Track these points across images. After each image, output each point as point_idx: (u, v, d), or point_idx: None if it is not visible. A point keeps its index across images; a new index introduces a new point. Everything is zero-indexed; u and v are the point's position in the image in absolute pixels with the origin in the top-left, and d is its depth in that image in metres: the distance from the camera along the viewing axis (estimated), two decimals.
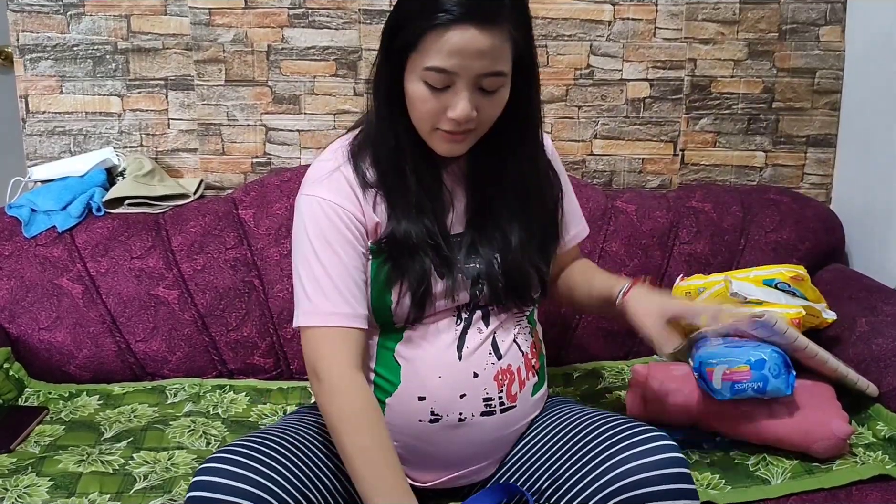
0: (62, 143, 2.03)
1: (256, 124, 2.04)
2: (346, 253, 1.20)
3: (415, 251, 1.21)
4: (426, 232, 1.21)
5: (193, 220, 1.87)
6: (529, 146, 1.26)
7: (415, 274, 1.21)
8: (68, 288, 1.80)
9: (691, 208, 1.98)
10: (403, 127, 1.19)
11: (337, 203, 1.21)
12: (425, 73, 1.12)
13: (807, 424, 1.42)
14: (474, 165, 1.27)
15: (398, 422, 1.25)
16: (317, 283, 1.19)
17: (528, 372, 1.30)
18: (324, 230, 1.20)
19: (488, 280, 1.25)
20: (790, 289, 1.67)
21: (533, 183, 1.27)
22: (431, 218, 1.22)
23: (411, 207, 1.21)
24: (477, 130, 1.18)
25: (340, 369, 1.17)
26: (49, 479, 1.39)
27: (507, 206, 1.26)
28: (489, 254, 1.26)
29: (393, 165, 1.22)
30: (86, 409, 1.67)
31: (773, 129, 2.13)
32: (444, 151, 1.19)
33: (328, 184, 1.23)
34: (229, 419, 1.65)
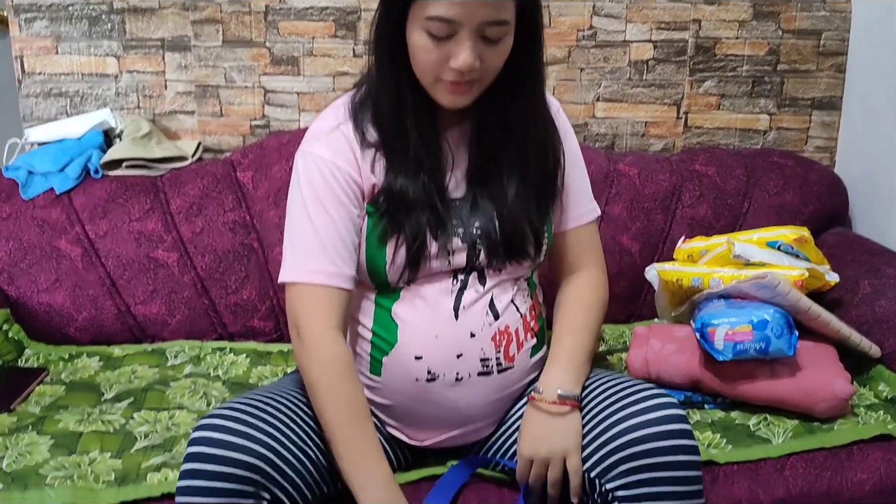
0: (59, 104, 2.01)
1: (255, 86, 2.02)
2: (338, 213, 1.19)
3: (411, 208, 1.19)
4: (423, 189, 1.20)
5: (192, 183, 1.86)
6: (532, 100, 1.23)
7: (410, 230, 1.19)
8: (67, 250, 1.79)
9: (694, 171, 1.96)
10: (405, 81, 1.17)
11: (333, 162, 1.20)
12: (427, 23, 1.10)
13: (809, 385, 1.42)
14: (478, 127, 1.25)
15: (395, 381, 1.24)
16: (304, 239, 1.19)
17: (527, 333, 1.29)
18: (317, 188, 1.19)
19: (486, 239, 1.24)
20: (793, 251, 1.65)
21: (534, 138, 1.25)
22: (430, 175, 1.20)
23: (410, 163, 1.19)
24: (481, 81, 1.16)
25: (320, 329, 1.17)
26: (50, 438, 1.39)
27: (509, 168, 1.24)
28: (488, 217, 1.24)
29: (394, 121, 1.19)
30: (86, 371, 1.67)
31: (777, 91, 2.10)
32: (449, 103, 1.17)
33: (327, 142, 1.21)
34: (230, 381, 1.65)
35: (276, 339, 1.82)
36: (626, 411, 1.15)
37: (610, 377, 1.26)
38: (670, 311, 1.72)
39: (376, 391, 1.27)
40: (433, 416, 1.27)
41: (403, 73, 1.17)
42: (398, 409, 1.27)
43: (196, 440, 1.10)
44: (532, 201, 1.25)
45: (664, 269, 1.69)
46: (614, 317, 1.89)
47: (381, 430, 1.29)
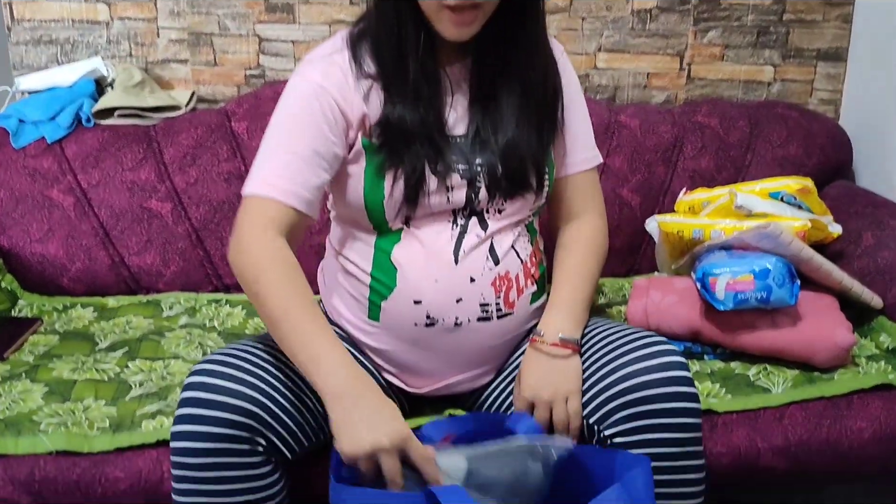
0: (49, 52, 1.96)
1: (249, 34, 1.98)
2: (312, 136, 1.15)
3: (410, 139, 1.17)
4: (421, 120, 1.17)
5: (185, 133, 1.83)
6: (533, 33, 1.20)
7: (409, 162, 1.17)
8: (59, 200, 1.76)
9: (697, 123, 1.93)
10: (406, 12, 1.14)
11: (320, 85, 1.17)
12: None
13: (809, 334, 1.41)
14: (478, 63, 1.22)
15: (393, 326, 1.23)
16: (270, 155, 1.16)
17: (527, 280, 1.27)
18: (298, 108, 1.17)
19: (487, 176, 1.21)
20: (796, 202, 1.63)
21: (534, 71, 1.22)
22: (428, 107, 1.18)
23: (409, 94, 1.17)
24: (484, 9, 1.13)
25: (260, 231, 1.12)
26: (43, 386, 1.38)
27: (509, 103, 1.22)
28: (490, 153, 1.22)
29: (393, 51, 1.16)
30: (80, 321, 1.66)
31: (782, 42, 2.06)
32: (452, 35, 1.14)
33: (320, 66, 1.19)
34: (225, 332, 1.64)
35: None
36: (626, 358, 1.15)
37: (610, 325, 1.25)
38: (670, 264, 1.70)
39: (374, 336, 1.26)
40: (431, 361, 1.25)
41: (405, 5, 1.13)
42: (396, 354, 1.25)
43: (190, 385, 1.09)
44: (533, 134, 1.23)
45: (665, 220, 1.67)
46: (613, 270, 1.87)
47: (377, 377, 1.28)
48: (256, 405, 1.08)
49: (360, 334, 1.28)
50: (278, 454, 1.11)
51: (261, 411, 1.08)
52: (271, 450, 1.10)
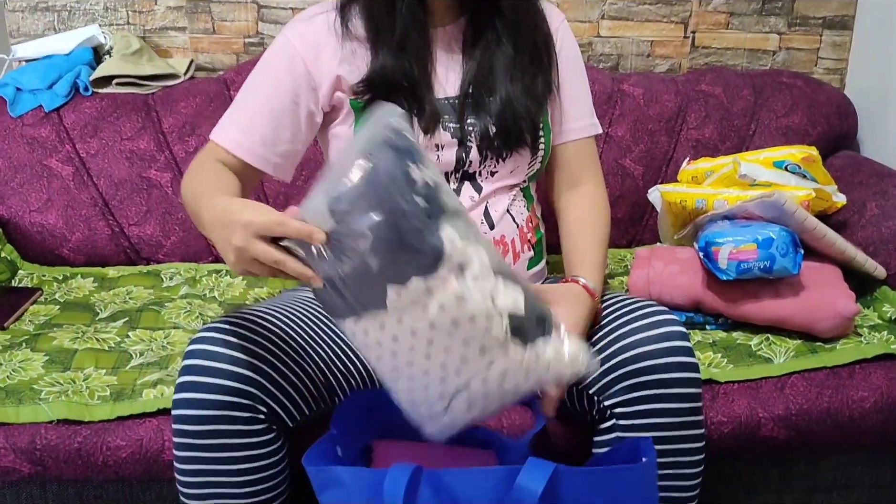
0: (46, 19, 1.94)
1: (248, 1, 1.95)
2: (277, 94, 1.19)
3: (395, 92, 1.17)
4: (405, 74, 1.17)
5: (184, 101, 1.81)
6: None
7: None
8: (58, 169, 1.75)
9: (700, 92, 1.91)
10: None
11: (293, 46, 1.20)
12: None
13: (812, 303, 1.40)
14: (470, 24, 1.22)
15: None
16: (240, 108, 1.23)
17: (524, 245, 1.27)
18: (269, 66, 1.22)
19: (479, 136, 1.21)
20: (800, 171, 1.62)
21: (527, 32, 1.21)
22: (415, 62, 1.18)
23: (394, 48, 1.17)
24: None
25: (202, 161, 1.20)
26: (44, 355, 1.38)
27: (502, 63, 1.21)
28: (483, 112, 1.21)
29: (384, 6, 1.16)
30: (80, 291, 1.65)
31: (788, 9, 2.03)
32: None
33: (303, 26, 1.22)
34: (226, 302, 1.63)
35: None
36: (626, 328, 1.14)
37: (611, 295, 1.24)
38: (673, 235, 1.69)
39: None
40: None
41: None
42: None
43: (191, 353, 1.08)
44: (527, 89, 1.22)
45: (667, 190, 1.65)
46: (616, 241, 1.86)
47: None
48: (257, 372, 1.08)
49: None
50: (279, 421, 1.11)
51: (261, 378, 1.08)
52: (272, 417, 1.10)
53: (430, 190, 0.89)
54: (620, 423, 1.13)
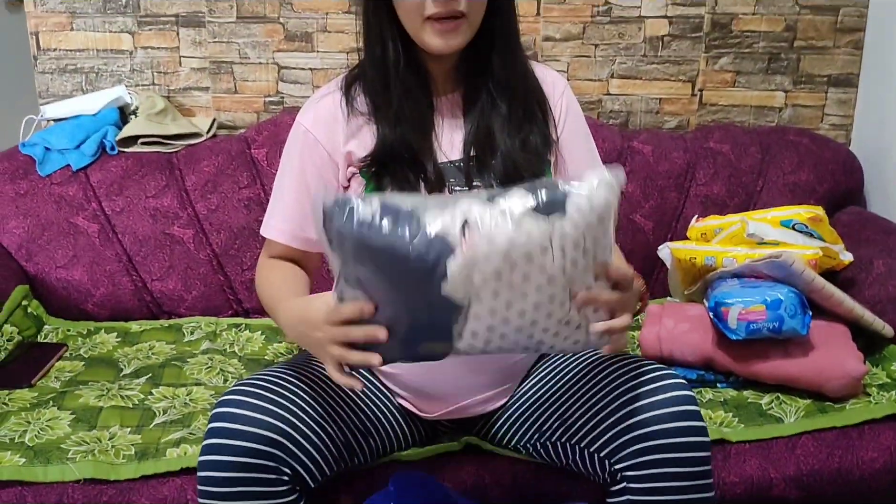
0: (74, 81, 2.01)
1: (269, 62, 2.02)
2: (304, 179, 1.27)
3: (399, 163, 1.22)
4: (408, 145, 1.22)
5: (207, 160, 1.87)
6: (514, 55, 1.26)
7: (396, 185, 1.22)
8: (84, 226, 1.80)
9: (709, 149, 1.96)
10: (392, 41, 1.20)
11: (311, 132, 1.27)
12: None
13: (821, 364, 1.43)
14: (468, 91, 1.28)
15: None
16: (278, 199, 1.31)
17: None
18: (292, 154, 1.29)
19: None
20: (808, 230, 1.65)
21: (521, 92, 1.27)
22: (417, 133, 1.23)
23: (392, 117, 1.23)
24: (468, 20, 1.18)
25: (264, 261, 1.32)
26: (70, 413, 1.41)
27: (500, 121, 1.26)
28: (487, 174, 1.25)
29: (381, 81, 1.23)
30: (104, 346, 1.70)
31: (793, 68, 2.08)
32: (439, 46, 1.18)
33: (313, 110, 1.29)
34: (245, 357, 1.67)
35: None
36: (635, 392, 1.16)
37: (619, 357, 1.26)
38: (683, 290, 1.72)
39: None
40: (441, 384, 1.28)
41: (389, 31, 1.20)
42: (407, 378, 1.28)
43: (217, 416, 1.12)
44: (525, 147, 1.26)
45: (677, 247, 1.69)
46: None
47: (391, 401, 1.31)
48: (281, 435, 1.11)
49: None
50: (302, 482, 1.14)
51: (286, 441, 1.11)
52: (295, 478, 1.13)
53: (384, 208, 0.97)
54: (631, 487, 1.15)
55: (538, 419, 1.27)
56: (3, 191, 1.80)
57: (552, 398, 1.27)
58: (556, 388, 1.27)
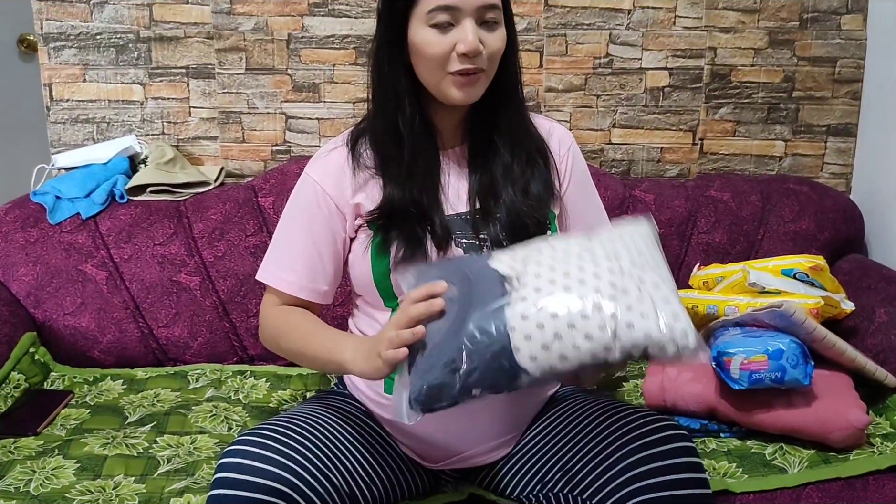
0: (85, 130, 2.05)
1: (276, 112, 2.06)
2: (313, 231, 1.29)
3: (406, 217, 1.24)
4: (414, 199, 1.25)
5: (214, 208, 1.90)
6: (517, 101, 1.30)
7: (405, 238, 1.24)
8: (92, 274, 1.82)
9: (710, 197, 1.98)
10: (404, 96, 1.23)
11: (320, 184, 1.29)
12: (430, 16, 1.17)
13: (824, 414, 1.43)
14: (473, 145, 1.30)
15: None
16: (278, 248, 1.33)
17: None
18: (301, 205, 1.31)
19: (491, 244, 1.26)
20: (809, 279, 1.67)
21: (520, 131, 1.30)
22: (423, 186, 1.25)
23: (403, 173, 1.25)
24: (487, 72, 1.22)
25: (267, 310, 1.33)
26: (75, 462, 1.42)
27: (503, 172, 1.28)
28: (492, 226, 1.27)
29: (391, 134, 1.25)
30: (110, 394, 1.70)
31: (793, 118, 2.12)
32: (460, 97, 1.22)
33: (322, 163, 1.31)
34: (250, 405, 1.68)
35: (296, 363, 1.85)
36: (637, 443, 1.17)
37: (620, 407, 1.27)
38: None
39: (390, 409, 1.29)
40: (446, 433, 1.29)
41: (406, 86, 1.23)
42: (411, 427, 1.29)
43: (223, 466, 1.13)
44: (527, 195, 1.28)
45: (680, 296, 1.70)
46: None
47: (395, 449, 1.32)
48: (287, 485, 1.12)
49: (377, 408, 1.32)
50: None
51: (291, 491, 1.12)
52: None
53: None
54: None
55: (540, 470, 1.28)
56: (14, 239, 1.83)
57: (554, 448, 1.27)
58: (559, 439, 1.27)
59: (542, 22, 2.03)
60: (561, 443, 1.26)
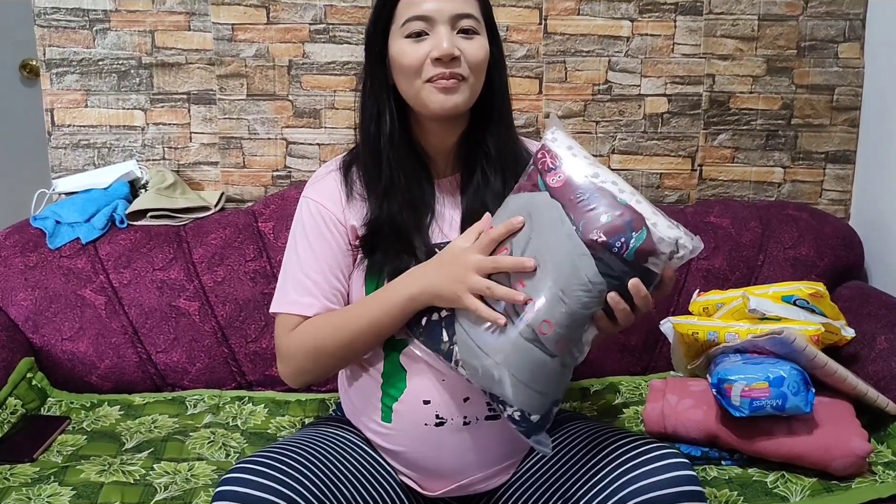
0: (86, 155, 2.06)
1: (277, 138, 2.07)
2: (321, 250, 1.29)
3: (380, 236, 1.26)
4: (388, 214, 1.26)
5: (214, 233, 1.90)
6: (505, 125, 1.32)
7: (387, 259, 1.25)
8: (91, 299, 1.82)
9: (709, 223, 1.98)
10: (389, 112, 1.27)
11: (321, 203, 1.31)
12: (405, 27, 1.21)
13: (826, 442, 1.42)
14: (465, 174, 1.32)
15: (405, 427, 1.27)
16: (291, 274, 1.31)
17: None
18: (306, 227, 1.31)
19: None
20: (809, 305, 1.66)
21: (509, 156, 1.31)
22: (401, 202, 1.27)
23: (381, 191, 1.27)
24: (469, 82, 1.23)
25: (288, 336, 1.29)
26: (71, 489, 1.40)
27: (493, 197, 1.29)
28: None
29: (372, 156, 1.28)
30: (107, 420, 1.69)
31: (791, 145, 2.13)
32: (440, 104, 1.23)
33: (319, 186, 1.33)
34: (248, 431, 1.66)
35: (294, 389, 1.83)
36: (637, 472, 1.16)
37: (621, 435, 1.26)
38: (686, 365, 1.72)
39: (388, 438, 1.29)
40: (444, 462, 1.28)
41: (386, 107, 1.27)
42: (409, 455, 1.28)
43: (220, 494, 1.12)
44: None
45: (680, 322, 1.70)
46: (630, 369, 1.90)
47: (393, 478, 1.31)
48: None
49: (375, 436, 1.32)
50: None
51: None
52: None
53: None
54: None
55: (540, 497, 1.27)
56: (13, 263, 1.82)
57: (554, 476, 1.26)
58: (559, 467, 1.26)
59: (542, 49, 2.05)
60: (560, 470, 1.26)
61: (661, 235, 1.09)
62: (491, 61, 1.27)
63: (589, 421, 1.37)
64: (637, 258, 1.08)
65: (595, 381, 1.86)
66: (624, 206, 1.09)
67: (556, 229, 1.09)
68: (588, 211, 1.09)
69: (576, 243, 1.08)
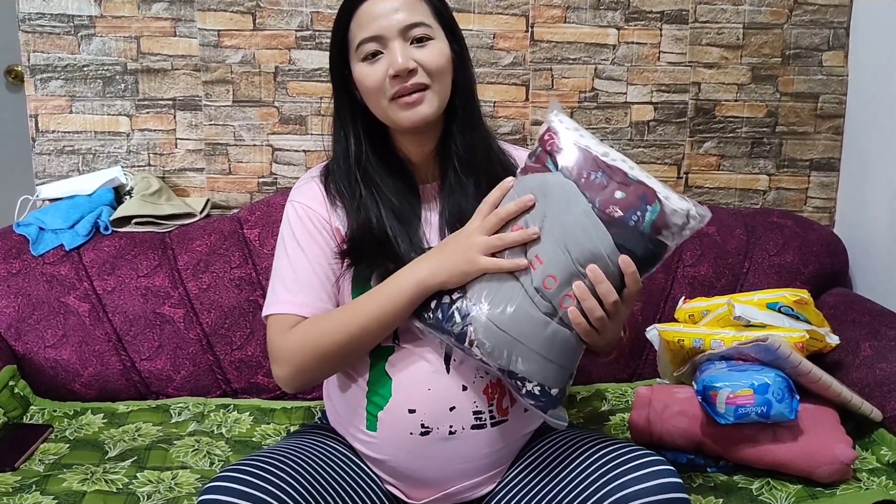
0: (71, 161, 2.04)
1: (263, 144, 2.06)
2: (311, 250, 1.29)
3: (372, 251, 1.27)
4: (367, 229, 1.27)
5: (199, 240, 1.89)
6: (471, 123, 1.32)
7: (368, 266, 1.26)
8: (75, 306, 1.81)
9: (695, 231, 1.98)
10: (354, 133, 1.31)
11: (307, 205, 1.32)
12: (359, 51, 1.24)
13: (811, 449, 1.42)
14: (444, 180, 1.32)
15: (390, 435, 1.26)
16: (281, 276, 1.30)
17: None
18: (294, 229, 1.31)
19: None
20: (794, 312, 1.67)
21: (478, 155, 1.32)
22: (377, 217, 1.28)
23: (357, 210, 1.29)
24: (434, 88, 1.24)
25: (283, 336, 1.26)
26: (53, 498, 1.39)
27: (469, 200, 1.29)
28: None
29: (344, 174, 1.31)
30: (90, 428, 1.68)
31: (776, 152, 2.14)
32: (407, 118, 1.24)
33: (304, 189, 1.35)
34: (233, 439, 1.65)
35: (280, 396, 1.83)
36: (622, 479, 1.16)
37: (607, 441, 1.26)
38: (672, 371, 1.72)
39: (372, 447, 1.29)
40: (430, 471, 1.27)
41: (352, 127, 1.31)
42: (395, 464, 1.28)
43: (204, 503, 1.11)
44: None
45: (665, 329, 1.70)
46: (616, 375, 1.90)
47: (378, 487, 1.30)
48: None
49: (360, 445, 1.31)
50: None
51: None
52: None
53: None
54: None
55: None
56: None
57: (540, 483, 1.26)
58: (545, 474, 1.26)
59: (528, 56, 2.06)
60: (547, 478, 1.25)
61: (673, 207, 1.14)
62: (453, 60, 1.28)
63: (575, 428, 1.37)
64: (652, 231, 1.13)
65: (582, 388, 1.86)
66: (636, 181, 1.14)
67: (573, 207, 1.12)
68: (603, 188, 1.12)
69: (593, 220, 1.11)
